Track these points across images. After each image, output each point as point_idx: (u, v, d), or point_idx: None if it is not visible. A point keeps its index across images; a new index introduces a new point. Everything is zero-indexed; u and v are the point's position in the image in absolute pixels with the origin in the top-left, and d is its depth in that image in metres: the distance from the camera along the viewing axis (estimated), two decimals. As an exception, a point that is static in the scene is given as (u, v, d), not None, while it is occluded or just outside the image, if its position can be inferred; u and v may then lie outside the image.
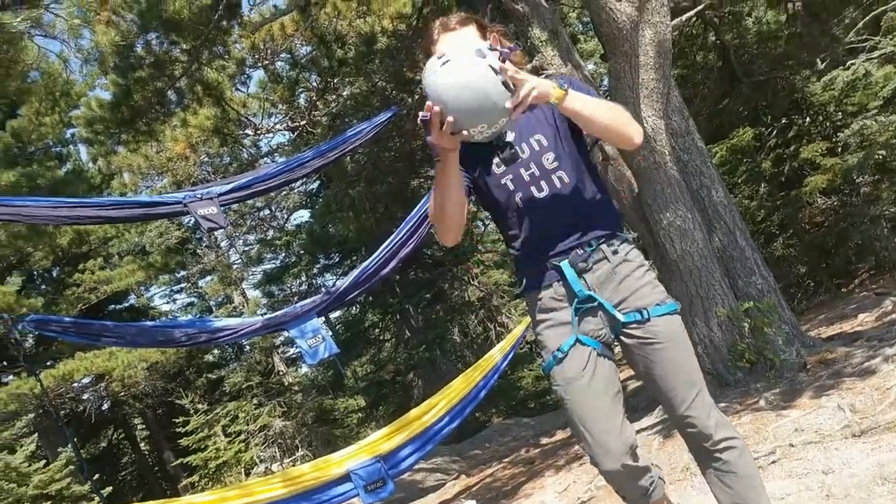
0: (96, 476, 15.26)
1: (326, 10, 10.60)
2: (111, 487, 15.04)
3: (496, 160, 2.23)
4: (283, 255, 20.88)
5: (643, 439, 5.21)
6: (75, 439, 11.31)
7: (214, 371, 22.47)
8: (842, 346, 5.69)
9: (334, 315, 19.44)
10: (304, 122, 13.56)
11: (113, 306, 20.54)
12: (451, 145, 1.98)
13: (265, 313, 13.81)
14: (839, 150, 12.20)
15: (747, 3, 9.74)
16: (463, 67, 1.87)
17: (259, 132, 14.66)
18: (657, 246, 5.95)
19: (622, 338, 2.23)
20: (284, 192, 19.68)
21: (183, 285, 24.45)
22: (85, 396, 18.44)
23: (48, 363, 16.48)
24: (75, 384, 17.04)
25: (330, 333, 5.86)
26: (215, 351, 23.10)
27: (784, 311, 6.00)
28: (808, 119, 12.57)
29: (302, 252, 18.17)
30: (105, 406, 20.20)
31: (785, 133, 12.91)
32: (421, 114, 1.94)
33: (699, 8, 7.37)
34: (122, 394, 17.92)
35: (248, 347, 22.79)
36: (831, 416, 4.15)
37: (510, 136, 2.14)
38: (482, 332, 19.32)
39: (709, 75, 10.32)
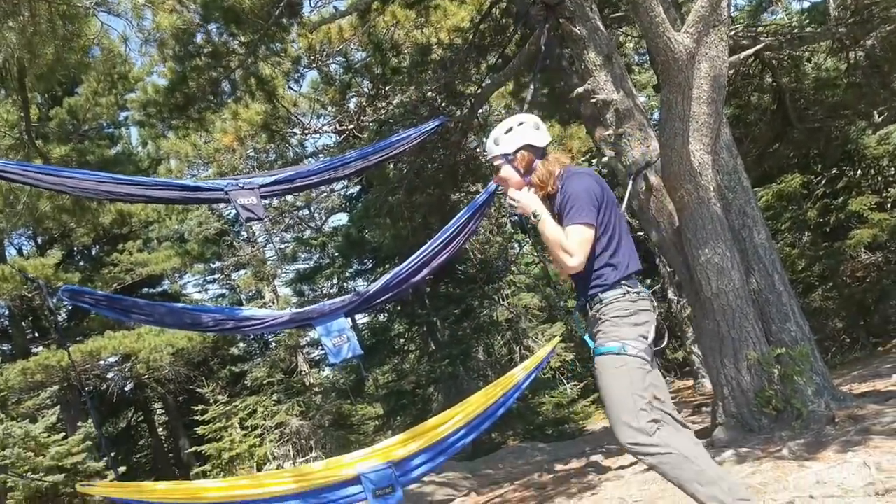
0: (112, 454, 15.44)
1: (385, 18, 10.68)
2: (125, 467, 15.19)
3: None
4: (318, 255, 20.99)
5: (658, 476, 5.11)
6: (96, 414, 11.45)
7: (238, 364, 22.63)
8: (873, 404, 5.54)
9: (361, 321, 19.50)
10: (351, 126, 13.65)
11: (147, 289, 20.84)
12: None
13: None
14: (888, 205, 11.97)
15: (808, 48, 9.60)
16: None
17: (307, 132, 14.79)
18: (693, 282, 5.87)
19: None
20: (325, 194, 19.86)
21: (216, 276, 24.71)
22: (110, 375, 18.70)
23: (78, 338, 16.77)
24: (101, 362, 17.29)
25: (355, 335, 5.84)
26: (241, 344, 23.29)
27: (816, 362, 5.86)
28: (859, 171, 12.37)
29: (336, 255, 18.23)
30: (128, 387, 20.47)
31: (834, 183, 12.71)
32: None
33: (758, 47, 7.29)
34: (146, 376, 18.11)
35: (273, 344, 22.95)
36: (855, 472, 4.03)
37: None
38: (507, 353, 19.21)
39: (762, 117, 10.18)
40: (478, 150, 11.08)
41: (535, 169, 3.31)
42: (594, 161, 15.30)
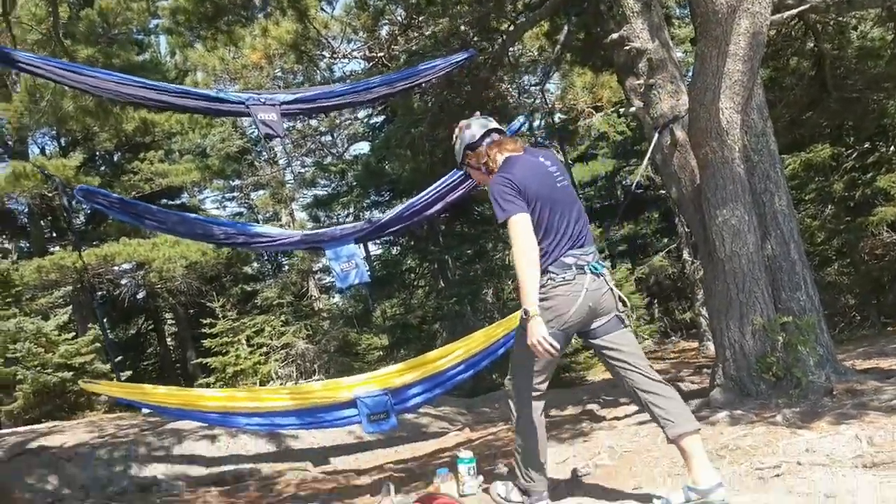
0: (119, 358, 15.75)
1: (425, -56, 10.42)
2: (131, 372, 15.47)
3: None
4: (336, 182, 21.00)
5: (651, 429, 5.16)
6: (105, 319, 11.64)
7: (250, 283, 22.86)
8: (874, 381, 5.52)
9: (374, 252, 19.60)
10: (382, 54, 13.43)
11: (165, 200, 20.95)
12: None
13: (308, 235, 13.92)
14: (918, 185, 11.75)
15: (856, 14, 9.29)
16: None
17: (336, 56, 14.58)
18: (707, 242, 5.81)
19: None
20: (348, 121, 19.74)
21: (235, 194, 24.80)
22: (123, 282, 18.95)
23: (94, 242, 16.96)
24: (116, 267, 17.51)
25: (365, 263, 5.87)
26: (254, 264, 23.50)
27: (822, 334, 5.83)
28: (892, 147, 12.12)
29: (355, 183, 18.22)
30: (140, 295, 20.76)
31: (865, 157, 12.49)
32: None
33: (803, 7, 7.05)
34: (159, 286, 18.35)
35: (286, 267, 23.15)
36: (846, 444, 4.04)
37: None
38: (516, 298, 19.27)
39: (799, 82, 9.92)
40: (506, 89, 10.91)
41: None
42: (622, 111, 15.06)
